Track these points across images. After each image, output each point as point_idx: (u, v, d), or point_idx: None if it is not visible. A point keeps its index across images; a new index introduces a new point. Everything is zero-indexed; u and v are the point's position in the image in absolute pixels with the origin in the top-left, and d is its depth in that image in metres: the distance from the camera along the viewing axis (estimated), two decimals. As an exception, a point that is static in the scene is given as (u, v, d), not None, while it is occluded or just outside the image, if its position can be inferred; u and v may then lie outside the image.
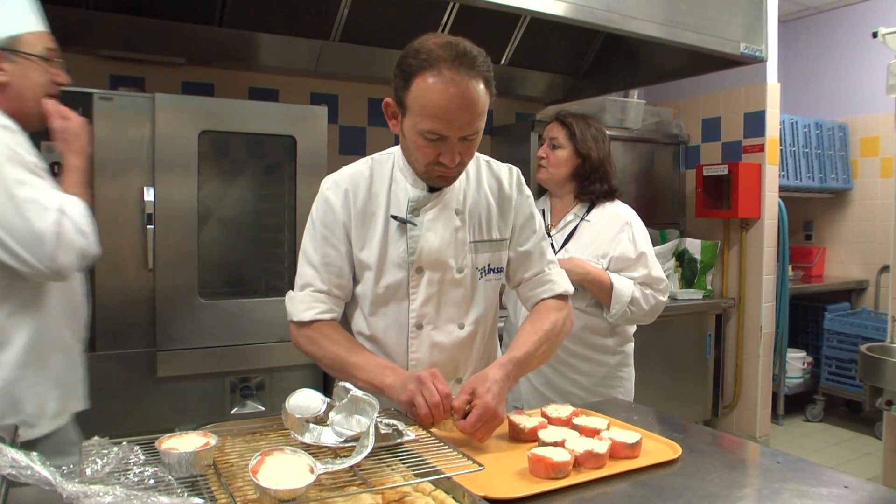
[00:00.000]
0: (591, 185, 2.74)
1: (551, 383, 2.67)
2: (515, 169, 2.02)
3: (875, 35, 4.17)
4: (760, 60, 3.57)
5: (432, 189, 1.86)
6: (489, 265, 1.94)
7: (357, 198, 1.87)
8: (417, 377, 1.65)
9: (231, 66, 3.80)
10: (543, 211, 2.80)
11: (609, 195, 2.76)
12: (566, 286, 2.03)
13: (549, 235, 2.68)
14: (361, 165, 1.92)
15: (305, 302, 1.87)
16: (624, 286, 2.59)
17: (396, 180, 1.88)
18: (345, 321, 1.97)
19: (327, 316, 1.88)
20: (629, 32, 3.09)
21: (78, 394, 2.02)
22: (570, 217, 2.75)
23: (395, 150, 1.92)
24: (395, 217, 1.85)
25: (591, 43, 4.54)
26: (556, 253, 2.59)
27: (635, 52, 4.23)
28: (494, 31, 4.19)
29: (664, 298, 2.70)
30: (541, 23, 3.87)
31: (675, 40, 3.19)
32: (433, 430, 1.60)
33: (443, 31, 3.94)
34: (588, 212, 2.75)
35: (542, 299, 2.00)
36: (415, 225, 1.84)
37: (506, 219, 1.96)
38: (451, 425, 1.66)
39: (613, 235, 2.67)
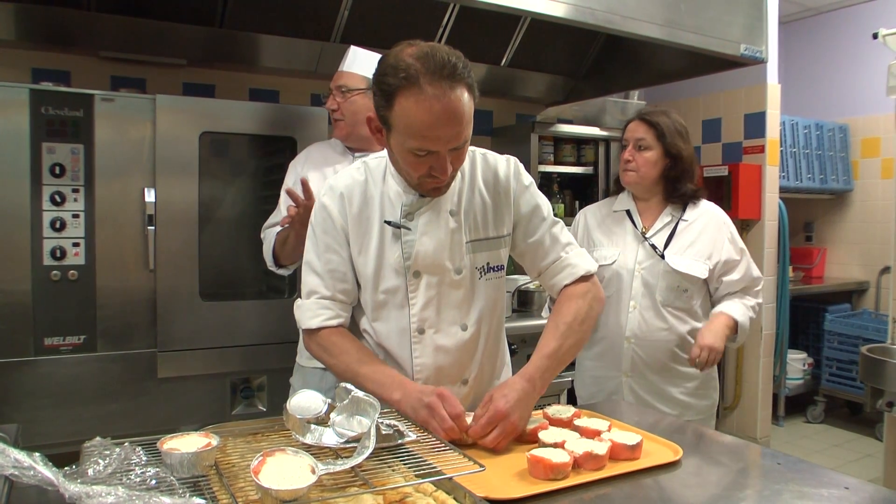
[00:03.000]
0: (682, 186, 2.72)
1: (658, 391, 2.70)
2: (513, 159, 1.97)
3: (875, 36, 4.17)
4: (761, 61, 3.57)
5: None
6: (488, 263, 1.91)
7: (353, 202, 1.86)
8: (428, 404, 1.65)
9: (232, 67, 3.80)
10: (629, 212, 2.80)
11: (697, 194, 2.76)
12: (588, 266, 1.97)
13: (645, 238, 2.71)
14: (355, 171, 1.91)
15: (312, 309, 1.87)
16: (743, 318, 2.66)
17: (389, 185, 1.87)
18: (354, 326, 1.96)
19: (333, 322, 1.87)
20: (629, 34, 3.09)
21: None
22: (666, 218, 2.74)
23: (387, 154, 1.88)
24: (388, 222, 1.84)
25: (592, 44, 4.54)
26: (660, 254, 2.67)
27: (636, 54, 4.23)
28: (495, 33, 4.19)
29: (761, 299, 2.77)
30: (541, 24, 3.87)
31: (675, 41, 3.19)
32: None
33: (443, 31, 3.94)
34: (683, 211, 2.74)
35: (566, 285, 1.96)
36: (409, 229, 1.83)
37: (502, 214, 1.92)
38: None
39: (715, 237, 2.69)
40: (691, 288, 2.68)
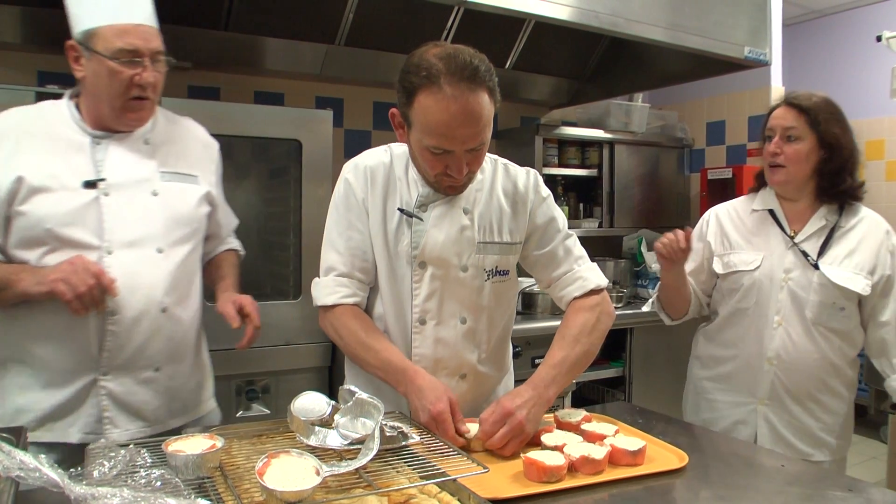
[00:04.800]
0: (841, 182, 2.32)
1: (796, 424, 2.33)
2: (533, 171, 2.01)
3: (879, 38, 4.18)
4: (765, 64, 3.57)
5: None
6: (496, 267, 1.93)
7: (376, 180, 1.88)
8: (436, 415, 1.65)
9: (237, 70, 3.81)
10: (773, 212, 2.42)
11: (857, 193, 2.36)
12: (598, 280, 1.99)
13: (795, 243, 2.34)
14: (381, 153, 1.94)
15: (329, 286, 1.89)
16: None
17: (410, 173, 1.89)
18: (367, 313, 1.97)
19: (350, 300, 1.89)
20: (634, 36, 3.09)
21: None
22: (819, 221, 2.34)
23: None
24: (402, 210, 1.86)
25: (596, 47, 4.55)
26: (812, 263, 2.29)
27: (640, 56, 4.23)
28: (499, 35, 4.20)
29: None
30: (545, 27, 3.87)
31: (679, 44, 3.19)
32: None
33: (447, 35, 3.95)
34: (840, 215, 2.36)
35: (575, 297, 1.97)
36: (421, 220, 1.85)
37: (519, 222, 1.95)
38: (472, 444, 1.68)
39: (877, 248, 2.32)
40: (849, 306, 2.28)
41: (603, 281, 2.00)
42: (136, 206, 1.88)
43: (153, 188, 1.92)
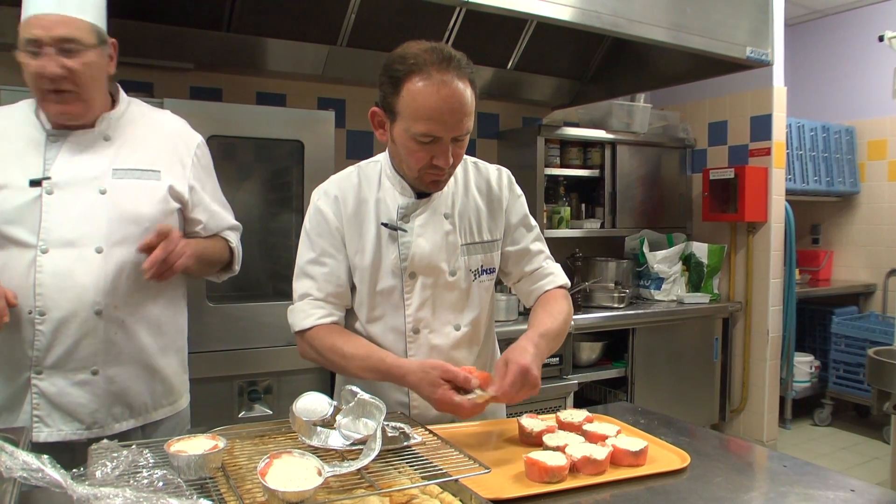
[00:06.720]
0: None
1: None
2: (505, 170, 2.03)
3: (881, 38, 4.17)
4: (767, 64, 3.57)
5: (420, 195, 1.87)
6: (482, 266, 1.96)
7: (347, 204, 1.89)
8: (432, 382, 1.66)
9: (239, 71, 3.81)
10: None
11: None
12: (564, 279, 2.07)
13: None
14: (349, 173, 1.95)
15: (305, 310, 1.88)
16: None
17: (384, 188, 1.90)
18: (349, 329, 1.97)
19: (327, 320, 1.88)
20: (635, 37, 3.09)
21: None
22: None
23: (382, 158, 1.93)
24: (385, 224, 1.87)
25: (598, 47, 4.55)
26: None
27: (641, 57, 4.24)
28: (501, 36, 4.20)
29: None
30: (547, 27, 3.88)
31: (681, 44, 3.19)
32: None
33: (449, 35, 3.95)
34: None
35: (547, 290, 2.03)
36: (405, 231, 1.86)
37: (496, 219, 1.98)
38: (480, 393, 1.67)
39: None
40: None
41: (567, 280, 2.08)
42: (80, 204, 1.85)
43: (101, 186, 1.88)
